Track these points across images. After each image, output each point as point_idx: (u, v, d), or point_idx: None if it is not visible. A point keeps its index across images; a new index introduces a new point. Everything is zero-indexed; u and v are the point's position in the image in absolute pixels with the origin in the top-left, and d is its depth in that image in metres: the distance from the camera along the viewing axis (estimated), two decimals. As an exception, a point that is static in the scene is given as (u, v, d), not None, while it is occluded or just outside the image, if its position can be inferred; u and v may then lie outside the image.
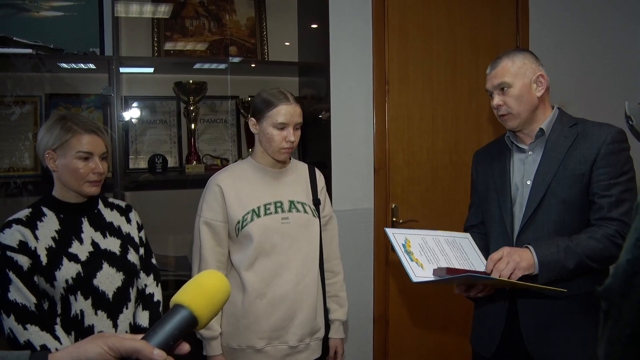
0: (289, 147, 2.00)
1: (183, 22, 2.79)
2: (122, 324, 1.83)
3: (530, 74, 1.93)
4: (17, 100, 2.54)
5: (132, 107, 2.76)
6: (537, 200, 1.90)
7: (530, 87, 1.93)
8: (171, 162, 2.76)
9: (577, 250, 1.78)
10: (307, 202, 2.11)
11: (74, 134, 1.76)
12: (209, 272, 1.00)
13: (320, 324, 2.11)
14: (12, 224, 1.71)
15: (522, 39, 3.35)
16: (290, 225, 2.02)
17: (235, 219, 2.00)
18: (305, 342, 2.06)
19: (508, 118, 1.95)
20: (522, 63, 1.93)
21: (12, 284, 1.65)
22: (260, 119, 2.01)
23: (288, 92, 2.02)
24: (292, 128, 1.99)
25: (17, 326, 1.63)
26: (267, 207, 2.02)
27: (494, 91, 1.95)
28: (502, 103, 1.93)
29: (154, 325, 0.91)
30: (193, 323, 0.92)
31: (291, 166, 2.16)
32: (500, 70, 1.93)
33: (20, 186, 2.41)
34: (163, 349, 0.87)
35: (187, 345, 0.93)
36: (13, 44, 2.31)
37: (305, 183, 2.16)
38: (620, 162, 1.84)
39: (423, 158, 3.19)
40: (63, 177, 1.78)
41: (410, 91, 3.17)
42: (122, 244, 1.88)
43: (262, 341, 2.00)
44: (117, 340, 0.86)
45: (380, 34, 3.09)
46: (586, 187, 1.86)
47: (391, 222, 3.15)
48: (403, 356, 3.24)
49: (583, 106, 3.58)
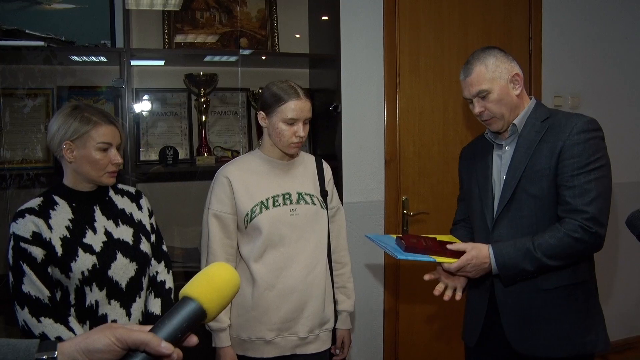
0: (298, 142, 1.99)
1: (194, 14, 2.78)
2: (135, 312, 1.83)
3: (505, 74, 1.90)
4: (29, 93, 2.55)
5: (143, 99, 2.77)
6: (508, 197, 1.91)
7: (507, 88, 1.91)
8: (182, 154, 2.77)
9: (535, 254, 1.78)
10: (315, 193, 2.11)
11: (94, 125, 1.76)
12: (219, 265, 0.99)
13: (329, 315, 2.11)
14: (24, 214, 1.70)
15: (535, 30, 3.32)
16: (299, 216, 2.02)
17: (244, 211, 1.99)
18: (315, 333, 2.06)
19: (493, 121, 1.95)
20: (495, 66, 1.89)
21: (26, 276, 1.65)
22: (269, 113, 2.00)
23: (298, 86, 2.01)
24: (301, 123, 1.98)
25: (31, 319, 1.63)
26: (276, 199, 2.01)
27: (473, 99, 1.93)
28: (483, 109, 1.92)
29: (162, 317, 0.90)
30: (202, 316, 0.91)
31: (299, 158, 2.15)
32: (475, 78, 1.90)
33: (32, 178, 2.42)
34: (171, 342, 0.86)
35: (196, 337, 0.92)
36: (25, 36, 2.32)
37: (312, 175, 2.16)
38: (587, 152, 1.80)
39: (434, 150, 3.18)
40: (81, 168, 1.77)
41: (421, 83, 3.15)
42: (135, 232, 1.88)
43: (272, 332, 2.00)
44: (125, 331, 0.86)
45: (391, 25, 3.07)
46: (554, 181, 1.85)
47: (402, 215, 3.14)
48: (413, 349, 3.24)
49: (597, 99, 3.55)
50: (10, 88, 2.50)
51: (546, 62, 3.38)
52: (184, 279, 2.48)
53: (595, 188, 1.78)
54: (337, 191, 2.27)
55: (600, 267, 2.05)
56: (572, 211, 1.79)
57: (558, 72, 3.42)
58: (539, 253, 1.78)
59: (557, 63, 3.41)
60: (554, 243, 1.78)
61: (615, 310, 3.60)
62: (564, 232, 1.78)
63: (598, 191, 1.78)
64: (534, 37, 3.31)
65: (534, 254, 1.78)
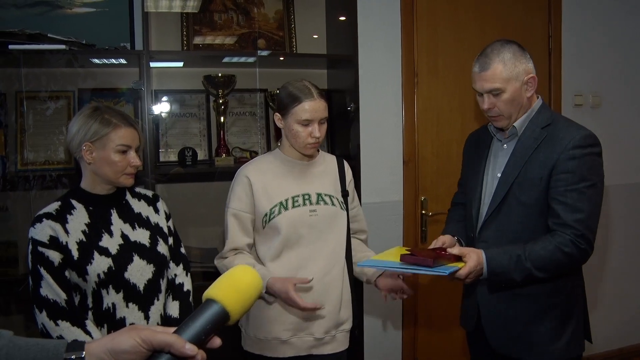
0: (314, 142, 1.98)
1: (212, 16, 2.81)
2: (154, 315, 1.84)
3: (522, 75, 1.88)
4: (51, 96, 2.60)
5: (162, 101, 2.80)
6: (498, 201, 1.92)
7: (521, 90, 1.89)
8: (201, 155, 2.79)
9: (526, 264, 1.78)
10: (335, 194, 2.10)
11: (114, 128, 1.77)
12: (242, 268, 1.00)
13: (345, 316, 2.10)
14: (42, 219, 1.72)
15: (555, 28, 3.28)
16: (318, 217, 2.02)
17: (262, 212, 2.00)
18: (331, 334, 2.05)
19: (499, 119, 1.93)
20: (513, 65, 1.86)
21: (44, 279, 1.67)
22: (285, 114, 1.99)
23: (313, 86, 1.99)
24: (317, 124, 1.96)
25: (49, 322, 1.65)
26: (295, 200, 2.01)
27: (484, 93, 1.91)
28: (493, 106, 1.90)
29: (186, 319, 0.92)
30: (225, 318, 0.93)
31: (319, 158, 2.15)
32: (491, 75, 1.86)
33: (55, 179, 2.46)
34: (195, 343, 0.88)
35: (219, 339, 0.94)
36: (47, 40, 2.37)
37: (333, 175, 2.15)
38: (581, 169, 1.80)
39: (453, 150, 3.16)
40: (100, 170, 1.79)
41: (439, 82, 3.14)
42: (152, 235, 1.89)
43: (288, 332, 2.01)
44: (150, 333, 0.87)
45: (409, 25, 3.06)
46: (544, 192, 1.84)
47: (420, 215, 3.12)
48: (432, 351, 3.22)
49: (618, 97, 3.50)
50: (34, 91, 2.56)
51: (566, 60, 3.34)
52: (202, 280, 2.50)
53: (587, 207, 1.79)
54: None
55: (591, 274, 2.05)
56: (564, 225, 1.80)
57: (578, 70, 3.37)
58: (529, 263, 1.78)
59: (578, 61, 3.37)
60: (545, 255, 1.78)
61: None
62: (555, 244, 1.78)
63: (589, 210, 1.80)
64: (554, 35, 3.27)
65: (524, 264, 1.78)
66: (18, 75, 2.50)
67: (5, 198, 2.53)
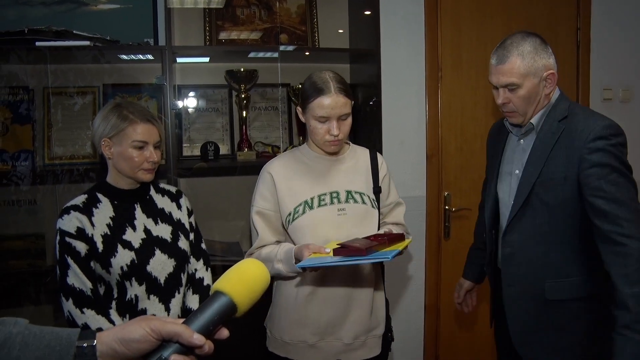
0: (333, 140, 1.86)
1: (234, 11, 2.82)
2: (174, 308, 1.88)
3: (541, 71, 1.78)
4: (78, 91, 2.65)
5: (185, 96, 2.83)
6: (521, 202, 1.83)
7: (538, 87, 1.80)
8: (223, 149, 2.81)
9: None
10: (367, 191, 1.97)
11: (130, 123, 1.79)
12: (250, 261, 1.02)
13: (377, 321, 2.00)
14: (70, 210, 1.77)
15: (583, 21, 3.20)
16: (347, 216, 1.90)
17: (286, 211, 1.90)
18: (361, 339, 1.95)
19: (513, 115, 1.87)
20: (532, 60, 1.77)
21: (71, 269, 1.72)
22: (304, 109, 1.90)
23: (333, 80, 1.85)
24: (335, 120, 1.84)
25: (75, 310, 1.71)
26: (322, 198, 1.90)
27: (500, 87, 1.83)
28: (507, 101, 1.83)
29: (195, 311, 0.94)
30: (232, 310, 0.95)
31: (350, 152, 2.03)
32: (508, 68, 1.78)
33: (82, 173, 2.52)
34: (203, 334, 0.90)
35: (227, 331, 0.96)
36: (73, 37, 2.42)
37: (365, 171, 2.01)
38: (608, 159, 1.68)
39: (477, 145, 3.12)
40: (118, 165, 1.83)
41: (463, 77, 3.10)
42: (173, 230, 1.92)
43: (315, 336, 1.92)
44: (160, 323, 0.90)
45: (433, 19, 3.02)
46: (571, 192, 1.74)
47: (444, 210, 3.10)
48: (454, 346, 3.20)
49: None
50: (62, 87, 2.61)
51: (595, 53, 3.26)
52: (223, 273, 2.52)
53: (624, 200, 1.66)
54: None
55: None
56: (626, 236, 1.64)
57: (608, 64, 3.28)
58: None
59: (607, 54, 3.28)
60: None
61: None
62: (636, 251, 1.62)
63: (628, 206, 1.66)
64: (582, 28, 3.19)
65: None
66: (45, 71, 2.55)
67: (34, 192, 2.60)
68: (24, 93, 2.58)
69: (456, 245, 3.13)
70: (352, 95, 1.91)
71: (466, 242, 3.14)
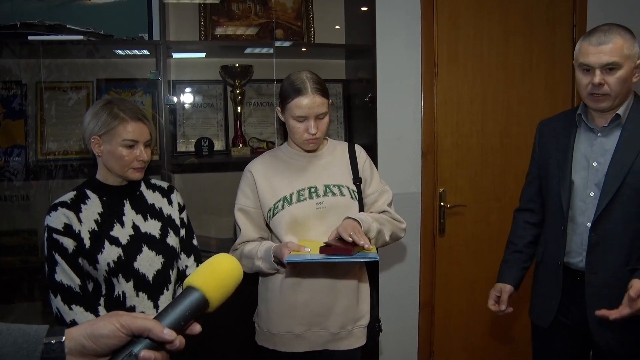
0: (311, 139, 1.94)
1: (229, 6, 2.80)
2: (163, 305, 1.86)
3: (636, 58, 1.83)
4: (72, 86, 2.62)
5: (180, 91, 2.81)
6: (613, 191, 1.85)
7: (632, 73, 1.84)
8: (217, 145, 2.79)
9: None
10: (346, 183, 2.02)
11: (121, 121, 1.78)
12: (222, 256, 1.01)
13: (363, 311, 2.05)
14: (57, 207, 1.76)
15: (580, 18, 3.19)
16: (326, 209, 1.96)
17: (266, 207, 1.98)
18: (347, 329, 2.01)
19: (604, 99, 1.86)
20: (631, 45, 1.82)
21: (58, 265, 1.71)
22: (283, 109, 1.97)
23: (310, 80, 1.92)
24: (312, 120, 1.91)
25: (64, 306, 1.70)
26: (301, 194, 1.97)
27: (597, 68, 1.83)
28: (604, 82, 1.83)
29: (167, 306, 0.93)
30: (204, 305, 0.94)
31: (328, 148, 2.09)
32: (612, 48, 1.80)
33: (76, 169, 2.50)
34: (174, 329, 0.89)
35: (199, 326, 0.95)
36: (66, 31, 2.39)
37: (344, 164, 2.07)
38: None
39: (472, 141, 3.12)
40: (108, 163, 1.82)
41: (459, 73, 3.09)
42: (162, 226, 1.91)
43: (302, 327, 1.98)
44: (129, 318, 0.89)
45: (429, 14, 3.01)
46: None
47: (439, 207, 3.09)
48: (449, 343, 3.20)
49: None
50: (55, 82, 2.59)
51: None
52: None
53: None
54: None
55: None
56: None
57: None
58: None
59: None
60: None
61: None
62: None
63: None
64: (578, 25, 3.19)
65: None
66: (38, 66, 2.53)
67: (27, 187, 2.58)
68: (17, 88, 2.56)
69: (451, 241, 3.13)
70: (328, 94, 1.98)
71: (461, 239, 3.16)
